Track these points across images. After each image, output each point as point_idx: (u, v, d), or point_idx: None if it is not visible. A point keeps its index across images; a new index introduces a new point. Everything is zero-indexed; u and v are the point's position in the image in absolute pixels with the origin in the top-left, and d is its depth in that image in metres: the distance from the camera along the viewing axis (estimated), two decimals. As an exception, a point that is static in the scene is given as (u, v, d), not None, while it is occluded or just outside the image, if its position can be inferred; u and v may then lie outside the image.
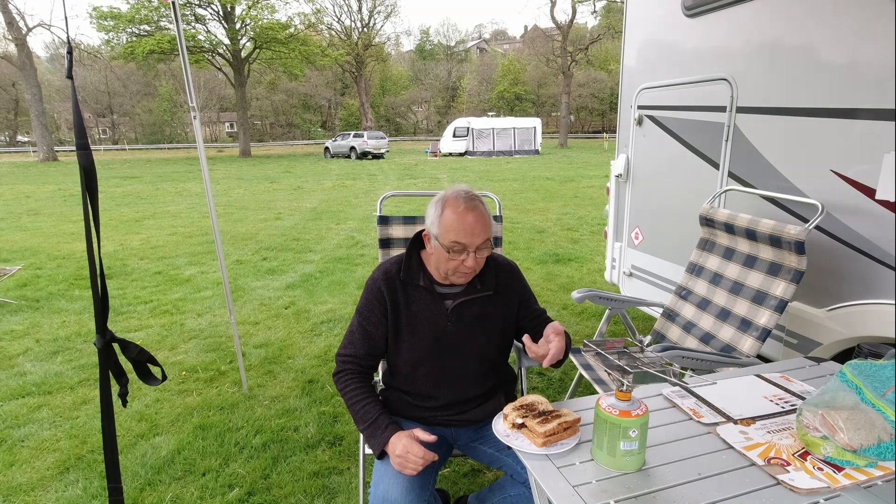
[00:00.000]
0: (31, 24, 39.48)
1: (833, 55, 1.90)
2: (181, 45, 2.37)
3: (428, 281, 1.49)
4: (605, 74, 44.62)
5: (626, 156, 3.14)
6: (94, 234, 1.31)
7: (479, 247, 1.39)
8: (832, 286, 1.95)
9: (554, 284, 4.82)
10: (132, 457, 2.30)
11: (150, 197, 11.60)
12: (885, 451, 1.00)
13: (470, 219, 1.36)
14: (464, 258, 1.38)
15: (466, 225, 1.36)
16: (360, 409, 1.43)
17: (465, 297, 1.49)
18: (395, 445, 1.33)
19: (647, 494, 0.96)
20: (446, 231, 1.37)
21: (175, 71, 35.52)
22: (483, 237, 1.38)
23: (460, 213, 1.36)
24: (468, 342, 1.50)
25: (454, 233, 1.36)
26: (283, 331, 3.77)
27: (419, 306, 1.48)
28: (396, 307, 1.48)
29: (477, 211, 1.38)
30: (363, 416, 1.42)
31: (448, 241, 1.37)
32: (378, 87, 51.51)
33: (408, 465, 1.30)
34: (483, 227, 1.38)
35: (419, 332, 1.48)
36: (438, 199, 1.42)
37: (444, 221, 1.37)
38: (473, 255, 1.38)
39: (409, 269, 1.49)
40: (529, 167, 18.53)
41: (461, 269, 1.40)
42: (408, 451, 1.30)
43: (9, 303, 4.31)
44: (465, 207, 1.37)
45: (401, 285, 1.49)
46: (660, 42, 2.86)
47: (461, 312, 1.49)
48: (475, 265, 1.40)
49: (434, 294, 1.49)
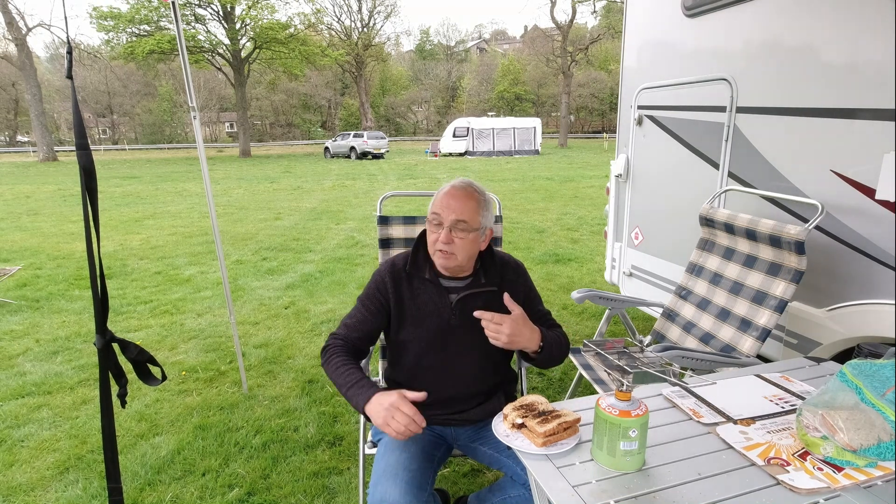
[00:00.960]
0: (31, 24, 39.55)
1: (833, 55, 1.90)
2: (181, 45, 2.37)
3: (433, 274, 1.51)
4: (605, 74, 44.63)
5: (625, 156, 3.14)
6: (93, 234, 1.31)
7: (454, 223, 1.42)
8: (832, 286, 1.95)
9: (554, 284, 4.82)
10: (132, 457, 2.30)
11: (150, 197, 11.60)
12: (884, 451, 1.00)
13: (451, 193, 1.45)
14: (440, 233, 1.43)
15: (445, 198, 1.44)
16: (344, 372, 1.38)
17: (469, 290, 1.51)
18: (380, 399, 1.26)
19: (647, 494, 0.96)
20: (431, 205, 1.47)
21: (175, 71, 35.52)
22: (457, 215, 1.42)
23: (447, 191, 1.46)
24: (471, 337, 1.50)
25: (433, 205, 1.46)
26: (283, 331, 3.77)
27: (424, 298, 1.50)
28: (400, 299, 1.51)
29: (463, 192, 1.45)
30: (346, 378, 1.36)
31: (429, 213, 1.47)
32: (378, 87, 51.51)
33: (392, 423, 1.22)
34: (461, 205, 1.42)
35: (424, 323, 1.50)
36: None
37: (434, 199, 1.48)
38: (448, 231, 1.42)
39: (416, 263, 1.53)
40: (529, 167, 18.53)
41: (437, 245, 1.44)
42: (396, 408, 1.23)
43: (9, 303, 4.31)
44: (454, 187, 1.47)
45: (406, 278, 1.52)
46: (660, 42, 2.86)
47: (465, 306, 1.50)
48: (447, 241, 1.42)
49: (439, 287, 1.51)
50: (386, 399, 1.26)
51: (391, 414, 1.23)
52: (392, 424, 1.22)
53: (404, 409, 1.23)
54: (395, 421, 1.22)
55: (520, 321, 1.37)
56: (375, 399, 1.28)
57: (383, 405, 1.25)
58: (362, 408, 1.29)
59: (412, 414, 1.23)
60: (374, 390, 1.31)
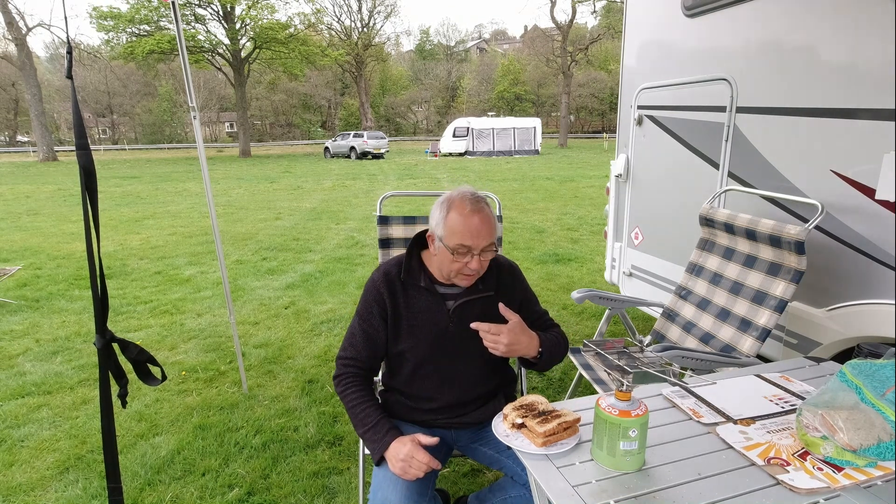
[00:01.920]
0: (31, 24, 39.53)
1: (833, 55, 1.90)
2: (181, 45, 2.37)
3: (429, 281, 1.48)
4: (605, 74, 44.62)
5: (625, 156, 3.14)
6: (93, 234, 1.31)
7: (484, 249, 1.38)
8: (832, 286, 1.95)
9: (554, 284, 4.82)
10: (132, 457, 2.30)
11: (149, 197, 11.60)
12: (884, 451, 1.00)
13: (476, 221, 1.36)
14: (468, 261, 1.38)
15: (472, 227, 1.35)
16: (360, 412, 1.41)
17: (466, 297, 1.49)
18: (397, 450, 1.32)
19: (647, 494, 0.96)
20: (451, 233, 1.36)
21: (175, 71, 35.52)
22: (488, 240, 1.38)
23: (466, 216, 1.36)
24: (470, 343, 1.49)
25: (459, 235, 1.35)
26: (283, 331, 3.77)
27: (420, 307, 1.48)
28: (397, 309, 1.48)
29: (483, 213, 1.38)
30: (363, 419, 1.40)
31: (453, 244, 1.36)
32: (378, 87, 51.50)
33: (410, 471, 1.29)
34: (489, 229, 1.38)
35: (421, 333, 1.48)
36: (443, 200, 1.41)
37: (450, 223, 1.36)
38: (478, 258, 1.38)
39: (410, 270, 1.49)
40: (529, 167, 18.53)
41: (465, 272, 1.40)
42: (412, 457, 1.29)
43: (9, 303, 4.31)
44: (471, 209, 1.36)
45: (401, 286, 1.48)
46: (660, 42, 2.86)
47: (463, 313, 1.48)
48: (479, 267, 1.40)
49: (436, 295, 1.48)
50: (402, 450, 1.31)
51: (408, 464, 1.29)
52: (410, 472, 1.29)
53: (420, 458, 1.29)
54: (412, 469, 1.29)
55: (517, 329, 1.36)
56: (392, 450, 1.33)
57: (399, 457, 1.31)
58: (378, 458, 1.36)
59: (427, 461, 1.30)
60: (390, 438, 1.35)
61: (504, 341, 1.33)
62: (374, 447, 1.37)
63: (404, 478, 1.30)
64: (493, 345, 1.34)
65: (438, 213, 1.40)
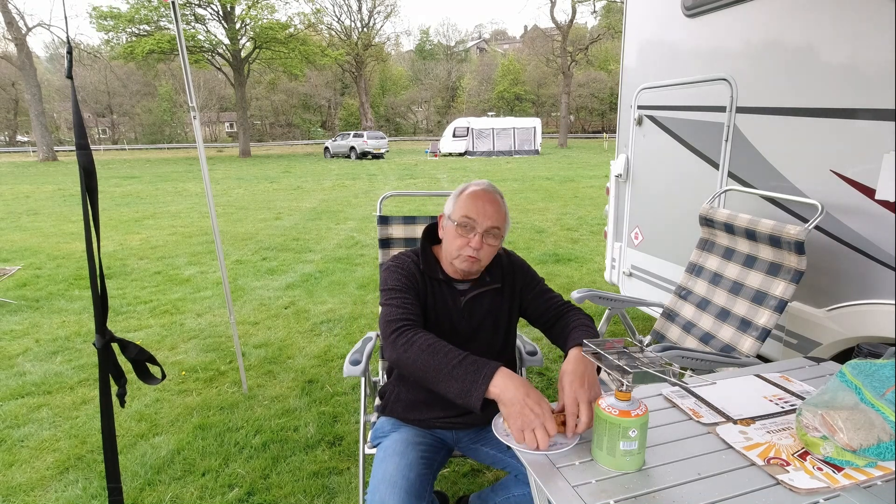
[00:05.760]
0: (30, 24, 39.58)
1: (833, 55, 1.90)
2: (181, 45, 2.37)
3: (445, 275, 1.49)
4: (605, 74, 44.64)
5: (625, 156, 3.14)
6: (93, 234, 1.31)
7: (488, 230, 1.40)
8: (832, 286, 1.95)
9: (554, 284, 4.82)
10: (132, 457, 2.30)
11: (149, 197, 11.60)
12: (884, 451, 0.99)
13: (484, 199, 1.42)
14: (471, 237, 1.40)
15: (479, 203, 1.41)
16: (442, 347, 1.22)
17: (475, 290, 1.49)
18: (515, 387, 1.09)
19: (647, 494, 0.96)
20: (460, 207, 1.42)
21: (175, 71, 35.51)
22: (493, 220, 1.41)
23: (477, 194, 1.43)
24: (476, 339, 1.49)
25: (465, 208, 1.41)
26: (283, 331, 3.77)
27: (436, 299, 1.48)
28: (425, 298, 1.46)
29: (492, 196, 1.43)
30: (447, 353, 1.20)
31: (459, 216, 1.41)
32: (378, 87, 51.51)
33: (532, 423, 1.05)
34: (496, 211, 1.42)
35: (436, 328, 1.46)
36: (460, 187, 1.48)
37: (461, 200, 1.43)
38: (480, 237, 1.40)
39: (428, 262, 1.50)
40: (529, 167, 18.53)
41: (466, 251, 1.41)
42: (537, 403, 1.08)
43: (9, 303, 4.31)
44: (484, 191, 1.44)
45: (426, 278, 1.49)
46: (660, 42, 2.86)
47: (473, 308, 1.49)
48: (479, 247, 1.40)
49: (453, 289, 1.49)
50: (520, 383, 1.11)
51: (531, 412, 1.07)
52: (528, 433, 1.05)
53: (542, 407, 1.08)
54: (531, 413, 1.07)
55: (575, 377, 1.19)
56: (504, 376, 1.12)
57: (520, 389, 1.09)
58: (487, 383, 1.12)
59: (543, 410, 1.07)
60: (492, 368, 1.15)
61: (585, 398, 1.13)
62: (479, 370, 1.15)
63: (514, 423, 1.07)
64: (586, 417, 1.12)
65: (453, 196, 1.47)
